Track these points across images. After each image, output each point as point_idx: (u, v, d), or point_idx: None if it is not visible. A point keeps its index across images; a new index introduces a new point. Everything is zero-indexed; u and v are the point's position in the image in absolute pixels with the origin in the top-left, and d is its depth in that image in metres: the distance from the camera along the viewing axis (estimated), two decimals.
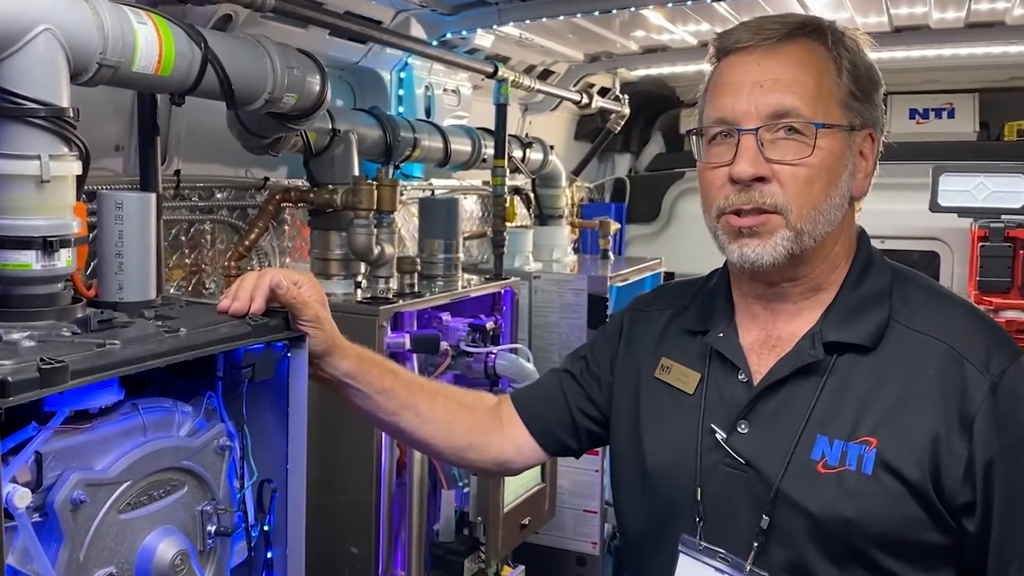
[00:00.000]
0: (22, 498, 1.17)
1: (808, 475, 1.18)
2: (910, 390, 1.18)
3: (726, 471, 1.25)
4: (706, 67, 1.34)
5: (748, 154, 1.19)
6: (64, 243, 1.46)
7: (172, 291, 2.29)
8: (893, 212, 4.32)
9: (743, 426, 1.25)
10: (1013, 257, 3.66)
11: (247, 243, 2.36)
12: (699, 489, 1.27)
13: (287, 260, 2.71)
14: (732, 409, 1.27)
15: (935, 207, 3.95)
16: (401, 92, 3.03)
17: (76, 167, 1.48)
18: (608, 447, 1.52)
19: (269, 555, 1.72)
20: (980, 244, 3.73)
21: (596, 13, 2.88)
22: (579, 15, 2.93)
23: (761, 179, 1.20)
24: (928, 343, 1.21)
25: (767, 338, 1.30)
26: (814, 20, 1.28)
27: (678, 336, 1.41)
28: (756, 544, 1.20)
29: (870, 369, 1.22)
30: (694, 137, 1.30)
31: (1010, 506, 1.14)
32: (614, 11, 2.89)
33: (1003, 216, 3.76)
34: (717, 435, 1.26)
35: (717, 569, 1.22)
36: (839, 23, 1.30)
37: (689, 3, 2.79)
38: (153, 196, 1.70)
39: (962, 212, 3.93)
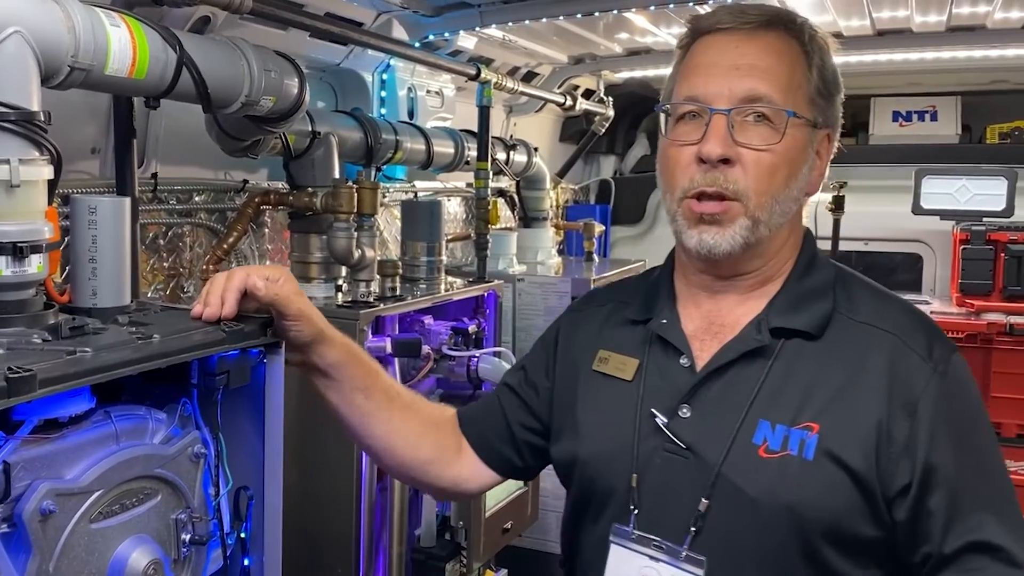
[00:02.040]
0: None
1: (750, 459, 1.18)
2: (853, 377, 1.19)
3: (666, 456, 1.24)
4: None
5: (718, 134, 1.20)
6: (35, 248, 1.43)
7: (150, 295, 2.26)
8: (876, 214, 4.35)
9: (685, 410, 1.24)
10: (995, 260, 3.69)
11: (226, 246, 2.34)
12: (635, 476, 1.25)
13: (267, 263, 2.69)
14: (674, 394, 1.26)
15: (918, 209, 3.98)
16: (383, 94, 3.01)
17: (47, 171, 1.46)
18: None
19: (246, 562, 1.71)
20: (962, 247, 3.75)
21: (579, 16, 2.88)
22: (562, 17, 2.92)
23: (727, 161, 1.20)
24: (872, 332, 1.22)
25: (710, 325, 1.30)
26: (792, 14, 1.29)
27: (617, 328, 1.40)
28: (693, 528, 1.19)
29: (814, 356, 1.22)
30: (661, 114, 1.31)
31: (953, 477, 1.14)
32: (597, 14, 2.88)
33: (985, 219, 3.79)
34: (658, 419, 1.25)
35: (651, 557, 1.20)
36: (821, 26, 1.32)
37: (672, 6, 2.78)
38: (127, 200, 1.68)
39: (944, 215, 3.96)
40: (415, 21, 2.86)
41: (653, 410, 1.25)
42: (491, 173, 3.14)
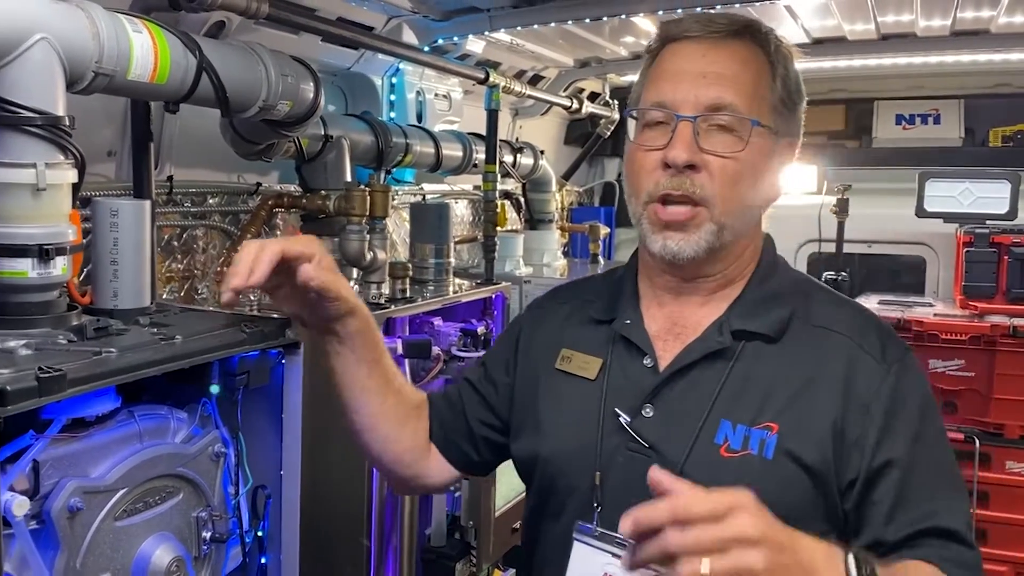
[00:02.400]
0: (20, 506, 1.17)
1: (711, 458, 1.20)
2: (811, 379, 1.22)
3: (628, 455, 1.25)
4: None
5: (684, 140, 1.21)
6: (60, 251, 1.46)
7: (164, 297, 2.29)
8: (880, 217, 4.37)
9: (648, 410, 1.25)
10: (998, 262, 3.70)
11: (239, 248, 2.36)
12: (599, 474, 1.26)
13: None
14: (637, 393, 1.27)
15: (921, 212, 3.99)
16: (393, 97, 3.04)
17: (72, 175, 1.49)
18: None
19: (263, 560, 1.73)
20: (965, 249, 3.76)
21: (587, 20, 2.90)
22: (571, 22, 2.95)
23: (692, 167, 1.21)
24: (828, 336, 1.26)
25: (673, 326, 1.32)
26: (758, 23, 1.31)
27: (580, 327, 1.40)
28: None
29: (774, 359, 1.25)
30: (629, 119, 1.33)
31: (903, 470, 1.18)
32: (604, 18, 2.90)
33: (988, 221, 3.81)
34: (621, 419, 1.26)
35: (613, 555, 1.20)
36: (826, 29, 1.33)
37: (679, 11, 2.81)
38: (148, 203, 1.71)
39: (948, 217, 3.97)
40: (425, 25, 2.89)
41: (616, 409, 1.27)
42: (499, 176, 3.16)
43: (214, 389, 1.56)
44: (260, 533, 1.72)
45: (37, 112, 1.40)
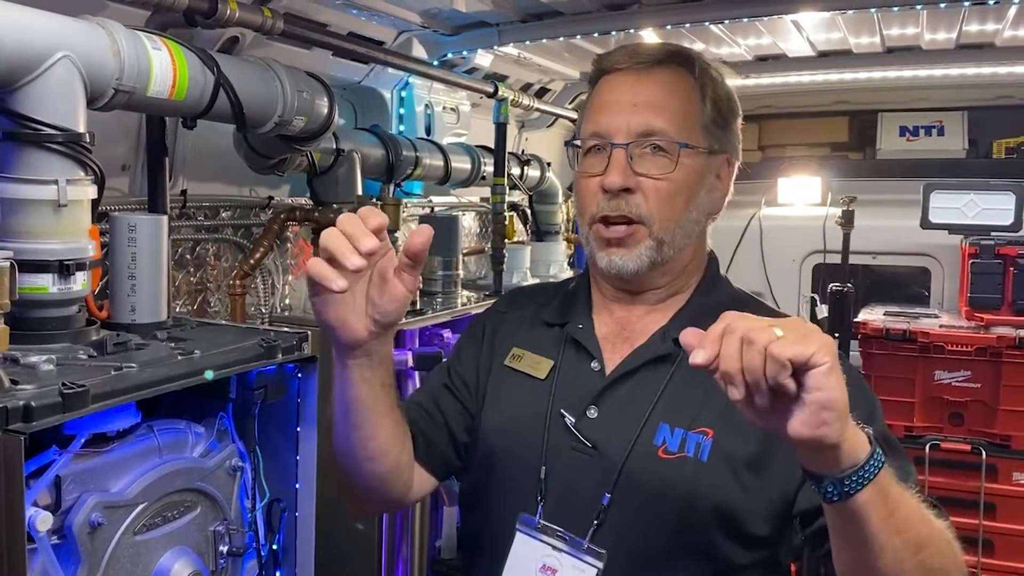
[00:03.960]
0: (44, 522, 1.18)
1: (649, 459, 1.26)
2: None
3: (572, 453, 1.31)
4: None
5: (618, 166, 1.30)
6: (80, 266, 1.47)
7: (177, 311, 2.30)
8: (884, 228, 4.38)
9: (592, 411, 1.32)
10: (1003, 274, 3.70)
11: (252, 261, 2.38)
12: (544, 468, 1.32)
13: (289, 278, 2.72)
14: (583, 395, 1.34)
15: (926, 224, 4.00)
16: (402, 111, 3.06)
17: (92, 191, 1.50)
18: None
19: (278, 574, 1.74)
20: (971, 261, 3.77)
21: (595, 34, 2.92)
22: (579, 36, 2.96)
23: (628, 190, 1.30)
24: None
25: (621, 330, 1.39)
26: (684, 51, 1.40)
27: (534, 328, 1.47)
28: (596, 522, 1.26)
29: None
30: (571, 149, 1.43)
31: None
32: (612, 32, 2.92)
33: (993, 233, 3.81)
34: (566, 419, 1.32)
35: (554, 547, 1.26)
36: (832, 42, 1.36)
37: (687, 25, 2.83)
38: (165, 218, 1.73)
39: (953, 229, 3.98)
40: (434, 40, 2.90)
41: (563, 410, 1.33)
42: (507, 188, 3.18)
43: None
44: (275, 547, 1.73)
45: (59, 129, 1.42)
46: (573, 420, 1.32)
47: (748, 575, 1.27)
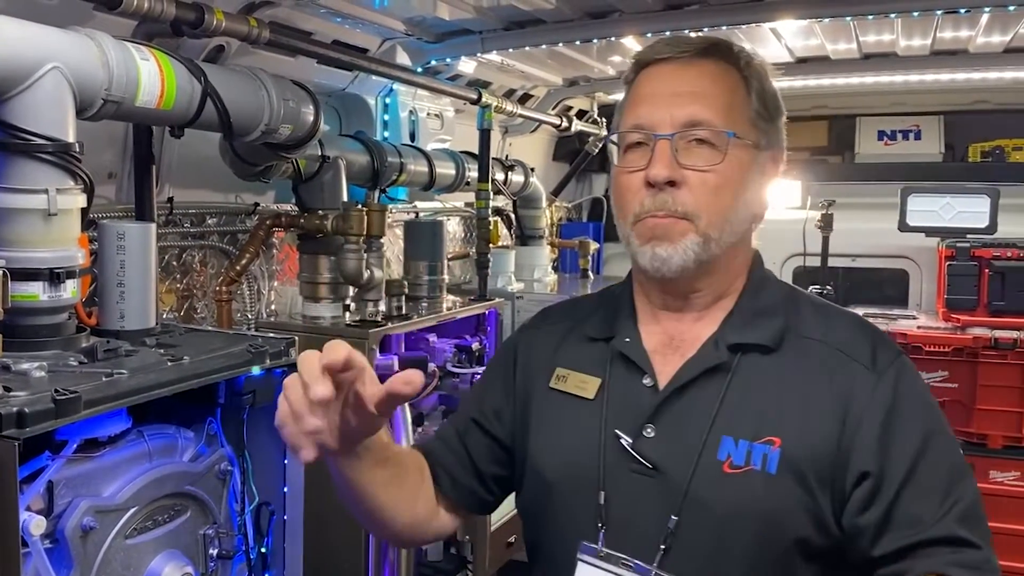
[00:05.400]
0: (38, 526, 1.20)
1: (715, 475, 1.20)
2: (808, 391, 1.23)
3: (632, 476, 1.24)
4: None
5: (663, 158, 1.23)
6: (70, 274, 1.49)
7: (164, 317, 2.31)
8: (863, 231, 4.44)
9: (649, 430, 1.25)
10: (979, 276, 3.77)
11: (239, 268, 2.40)
12: (603, 493, 1.25)
13: (275, 283, 2.74)
14: (637, 413, 1.27)
15: (903, 226, 4.07)
16: (386, 117, 3.08)
17: (81, 200, 1.52)
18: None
19: None
20: (947, 263, 3.84)
21: (577, 42, 2.96)
22: (561, 44, 3.00)
23: (673, 184, 1.23)
24: (819, 347, 1.27)
25: (671, 340, 1.32)
26: (727, 42, 1.34)
27: (576, 345, 1.39)
28: (663, 547, 1.20)
29: (770, 371, 1.26)
30: (611, 145, 1.35)
31: (906, 475, 1.17)
32: (594, 40, 2.97)
33: (969, 235, 3.89)
34: (623, 440, 1.25)
35: (618, 575, 1.20)
36: (810, 49, 1.34)
37: (667, 33, 2.87)
38: (153, 226, 1.75)
39: (930, 231, 4.05)
40: (418, 47, 2.94)
41: (617, 431, 1.27)
42: (491, 193, 3.21)
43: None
44: (264, 550, 1.75)
45: (49, 139, 1.44)
46: (630, 441, 1.25)
47: None
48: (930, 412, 1.23)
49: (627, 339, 1.34)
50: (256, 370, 1.59)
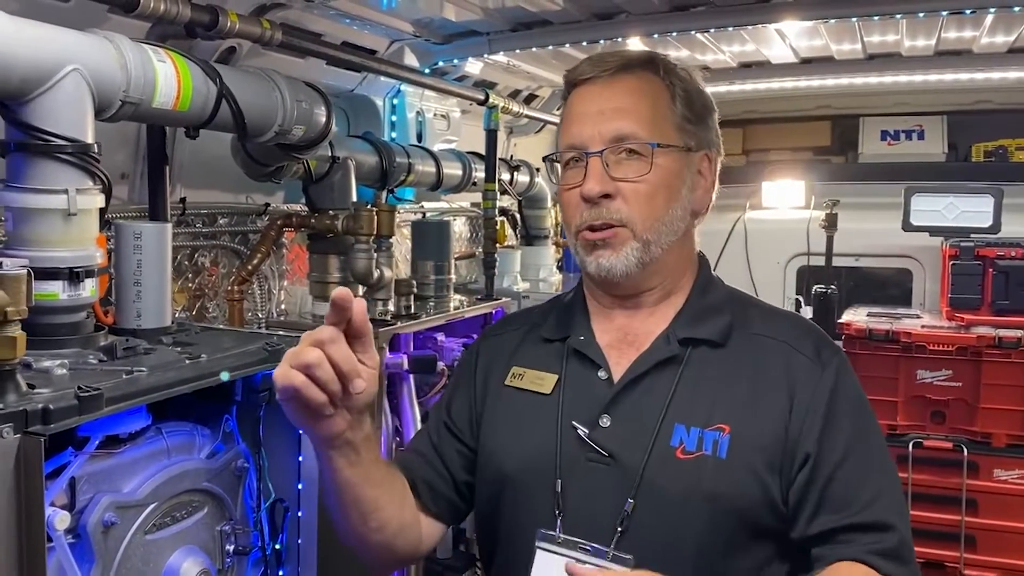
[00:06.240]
0: (62, 521, 1.22)
1: (669, 461, 1.27)
2: (756, 381, 1.31)
3: (589, 465, 1.31)
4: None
5: (595, 174, 1.32)
6: (89, 273, 1.51)
7: (176, 316, 2.33)
8: (866, 231, 4.46)
9: (605, 420, 1.32)
10: (983, 275, 3.78)
11: (250, 267, 2.42)
12: (560, 482, 1.31)
13: (284, 283, 2.76)
14: (593, 405, 1.34)
15: (907, 226, 4.08)
16: (394, 118, 3.10)
17: (100, 200, 1.54)
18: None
19: (281, 573, 1.78)
20: (951, 262, 3.85)
21: (584, 43, 2.98)
22: (568, 45, 3.02)
23: (608, 196, 1.31)
24: (766, 342, 1.36)
25: (624, 336, 1.40)
26: (647, 54, 1.41)
27: (533, 346, 1.47)
28: (620, 529, 1.26)
29: (720, 363, 1.33)
30: (552, 163, 1.44)
31: (841, 460, 1.26)
32: (601, 41, 2.98)
33: (973, 235, 3.90)
34: (579, 431, 1.32)
35: (576, 560, 1.23)
36: (814, 49, 1.38)
37: (673, 34, 2.89)
38: (169, 226, 1.76)
39: (933, 231, 4.06)
40: (426, 48, 2.96)
41: (574, 423, 1.33)
42: (497, 194, 3.23)
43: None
44: (279, 546, 1.76)
45: (68, 140, 1.46)
46: (586, 431, 1.31)
47: (777, 566, 1.29)
48: (864, 407, 1.34)
49: (581, 337, 1.42)
50: (272, 368, 1.60)
